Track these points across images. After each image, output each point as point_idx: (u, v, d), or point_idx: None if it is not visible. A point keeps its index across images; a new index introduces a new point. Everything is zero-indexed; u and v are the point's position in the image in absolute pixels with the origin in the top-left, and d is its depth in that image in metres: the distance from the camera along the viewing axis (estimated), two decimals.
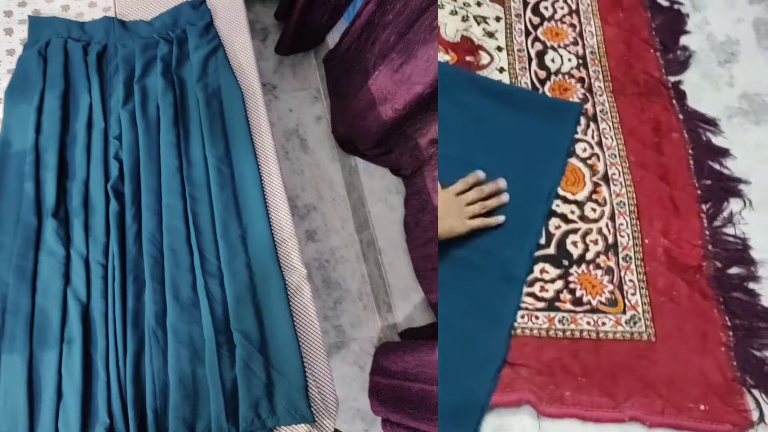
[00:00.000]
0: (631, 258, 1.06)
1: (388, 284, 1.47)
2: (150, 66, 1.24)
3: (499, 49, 1.26)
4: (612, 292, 1.04)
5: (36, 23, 1.29)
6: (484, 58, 1.24)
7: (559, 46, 1.25)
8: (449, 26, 1.30)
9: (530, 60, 1.24)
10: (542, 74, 1.22)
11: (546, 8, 1.31)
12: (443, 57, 1.25)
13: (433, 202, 1.39)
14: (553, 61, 1.23)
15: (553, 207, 1.09)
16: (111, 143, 1.16)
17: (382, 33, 1.35)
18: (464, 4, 1.33)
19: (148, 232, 1.07)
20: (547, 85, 1.20)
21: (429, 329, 1.39)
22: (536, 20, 1.29)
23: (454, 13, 1.32)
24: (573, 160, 1.13)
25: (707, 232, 1.08)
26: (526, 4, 1.32)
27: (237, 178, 1.15)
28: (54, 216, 1.07)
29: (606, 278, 1.05)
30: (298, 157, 1.70)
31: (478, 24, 1.29)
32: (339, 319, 1.55)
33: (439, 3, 1.28)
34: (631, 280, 1.04)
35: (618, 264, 1.06)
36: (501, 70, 1.23)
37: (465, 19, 1.31)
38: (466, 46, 1.27)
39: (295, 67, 1.83)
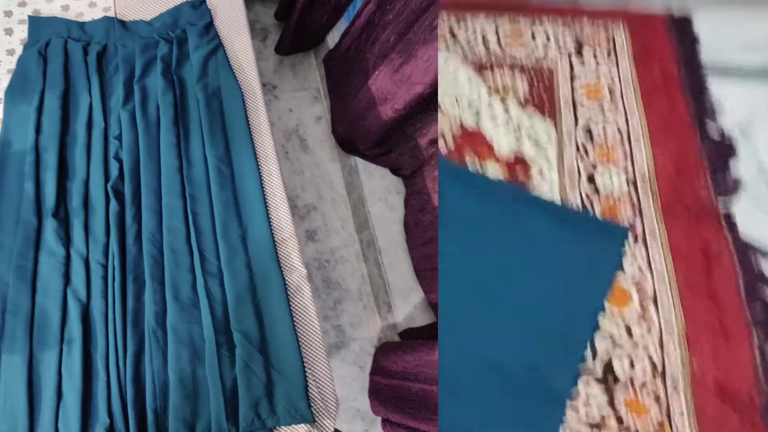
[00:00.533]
0: (679, 384, 1.03)
1: (388, 284, 1.47)
2: (150, 66, 1.24)
3: (550, 166, 1.27)
4: (659, 420, 1.01)
5: (36, 23, 1.29)
6: (535, 175, 1.26)
7: (610, 167, 1.26)
8: (501, 142, 1.32)
9: (580, 179, 1.25)
10: (592, 194, 1.23)
11: (597, 129, 1.32)
12: (494, 171, 1.27)
13: (433, 202, 1.39)
14: (603, 181, 1.24)
15: (600, 325, 1.08)
16: (111, 143, 1.16)
17: (382, 33, 1.35)
18: (516, 120, 1.35)
19: (148, 232, 1.07)
20: (597, 205, 1.21)
21: (429, 329, 1.39)
22: (587, 140, 1.30)
23: (506, 128, 1.35)
24: (621, 280, 1.12)
25: (758, 361, 1.05)
26: (578, 124, 1.34)
27: (237, 178, 1.15)
28: (54, 216, 1.07)
29: (653, 404, 1.02)
30: (298, 157, 1.70)
31: (530, 141, 1.31)
32: (339, 319, 1.55)
33: (491, 116, 1.30)
34: (679, 408, 1.01)
35: (665, 389, 1.03)
36: (551, 187, 1.24)
37: (517, 135, 1.33)
38: (517, 163, 1.29)
39: (295, 67, 1.83)
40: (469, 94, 1.36)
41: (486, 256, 1.15)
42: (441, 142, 1.28)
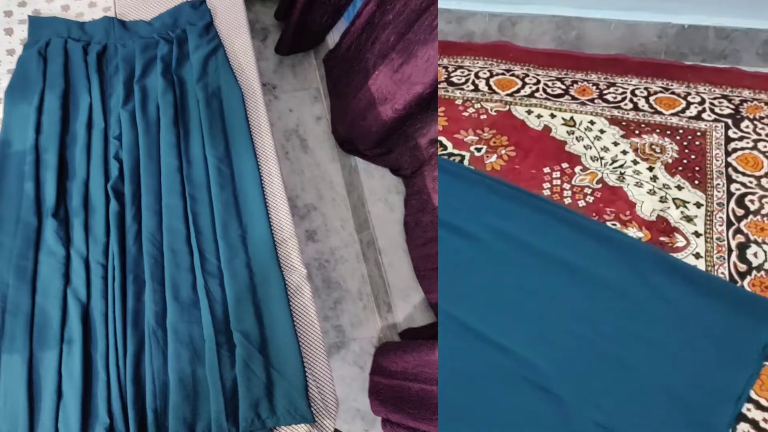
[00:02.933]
0: None
1: (388, 284, 1.47)
2: (150, 66, 1.24)
3: (697, 234, 1.25)
4: None
5: (36, 23, 1.29)
6: (680, 241, 1.24)
7: (764, 242, 1.22)
8: (645, 204, 1.33)
9: (730, 251, 1.21)
10: (742, 267, 1.18)
11: (752, 201, 1.29)
12: (636, 234, 1.26)
13: (433, 202, 1.39)
14: (755, 255, 1.20)
15: (744, 411, 1.00)
16: (111, 143, 1.16)
17: (382, 33, 1.35)
18: (664, 186, 1.36)
19: (148, 232, 1.07)
20: (747, 279, 1.16)
21: (429, 329, 1.39)
22: (740, 212, 1.27)
23: (652, 192, 1.36)
24: None
25: None
26: (730, 195, 1.31)
27: (237, 178, 1.15)
28: (54, 216, 1.07)
29: None
30: (298, 157, 1.70)
31: (677, 207, 1.31)
32: (339, 319, 1.55)
33: (636, 182, 1.31)
34: None
35: None
36: (697, 256, 1.21)
37: (663, 200, 1.33)
38: (662, 227, 1.28)
39: (295, 67, 1.83)
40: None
41: (619, 321, 1.09)
42: None
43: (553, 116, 1.62)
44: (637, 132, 1.52)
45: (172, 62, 1.24)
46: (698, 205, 1.31)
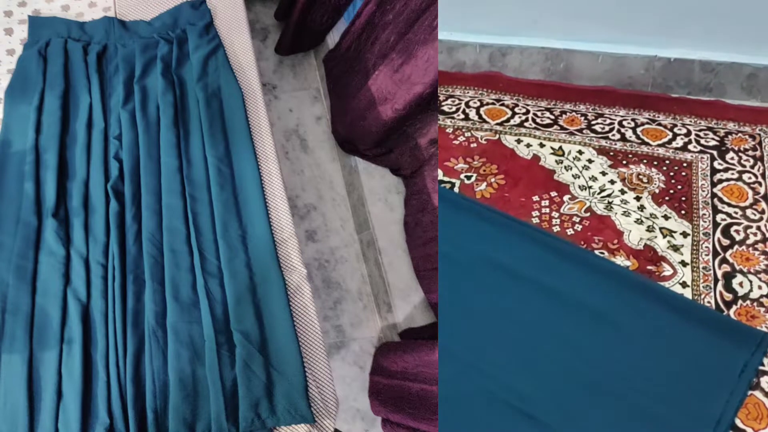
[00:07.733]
0: None
1: (388, 284, 1.47)
2: (150, 66, 1.24)
3: (684, 264, 1.27)
4: None
5: (36, 23, 1.29)
6: (667, 270, 1.26)
7: (749, 272, 1.23)
8: (633, 233, 1.35)
9: (716, 280, 1.23)
10: (728, 297, 1.19)
11: (738, 232, 1.31)
12: (623, 262, 1.28)
13: (433, 202, 1.39)
14: (741, 285, 1.21)
15: None
16: (111, 143, 1.16)
17: (382, 33, 1.35)
18: (651, 215, 1.38)
19: (148, 232, 1.07)
20: (733, 308, 1.17)
21: (429, 329, 1.39)
22: (726, 242, 1.29)
23: (639, 221, 1.38)
24: (757, 393, 1.05)
25: None
26: (716, 225, 1.33)
27: (237, 178, 1.15)
28: (54, 216, 1.07)
29: None
30: (298, 157, 1.70)
31: (664, 236, 1.32)
32: (339, 319, 1.55)
33: (624, 211, 1.34)
34: None
35: None
36: (684, 284, 1.23)
37: (650, 229, 1.35)
38: (649, 255, 1.30)
39: (295, 67, 1.83)
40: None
41: (604, 348, 1.10)
42: None
43: (542, 145, 1.65)
44: (624, 162, 1.55)
45: (172, 62, 1.24)
46: (685, 234, 1.33)
